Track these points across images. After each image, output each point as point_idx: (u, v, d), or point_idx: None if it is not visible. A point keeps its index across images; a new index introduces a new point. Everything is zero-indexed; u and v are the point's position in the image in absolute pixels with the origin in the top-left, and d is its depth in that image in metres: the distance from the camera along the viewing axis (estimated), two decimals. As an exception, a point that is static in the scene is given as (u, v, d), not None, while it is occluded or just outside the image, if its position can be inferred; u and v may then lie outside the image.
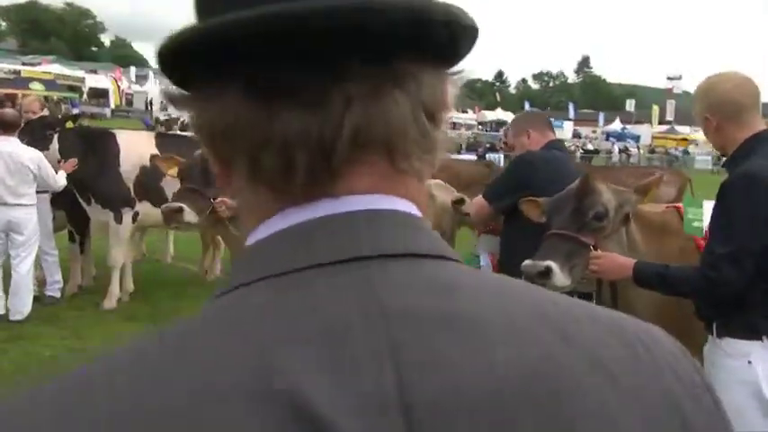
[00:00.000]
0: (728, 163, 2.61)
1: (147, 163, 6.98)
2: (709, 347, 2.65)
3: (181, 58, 0.54)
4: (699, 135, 60.89)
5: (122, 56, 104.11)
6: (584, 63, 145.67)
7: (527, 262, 2.72)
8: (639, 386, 0.52)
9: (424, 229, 0.58)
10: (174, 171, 4.29)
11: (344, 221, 0.54)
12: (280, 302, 0.51)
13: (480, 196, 3.46)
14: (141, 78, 67.50)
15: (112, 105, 53.41)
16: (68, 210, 7.26)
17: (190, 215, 3.91)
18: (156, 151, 7.09)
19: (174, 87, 0.59)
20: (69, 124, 6.91)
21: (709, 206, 3.30)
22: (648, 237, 3.05)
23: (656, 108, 65.80)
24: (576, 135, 58.22)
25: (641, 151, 46.32)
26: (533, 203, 3.09)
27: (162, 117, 36.39)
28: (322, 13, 0.49)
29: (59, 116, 9.67)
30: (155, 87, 62.02)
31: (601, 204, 2.83)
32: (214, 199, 3.98)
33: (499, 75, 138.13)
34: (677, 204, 3.32)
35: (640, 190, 2.96)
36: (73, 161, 6.43)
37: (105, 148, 6.97)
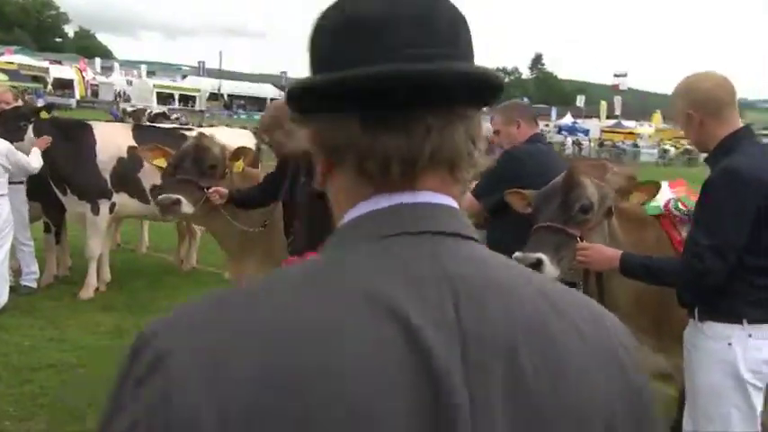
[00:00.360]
0: (710, 159, 2.65)
1: (125, 154, 6.89)
2: (689, 331, 2.71)
3: (311, 94, 0.79)
4: (643, 129, 62.40)
5: (86, 47, 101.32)
6: (537, 60, 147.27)
7: (518, 254, 2.72)
8: (599, 345, 0.77)
9: (464, 219, 0.82)
10: (160, 161, 4.15)
11: (422, 207, 0.78)
12: (379, 254, 0.74)
13: (469, 193, 3.45)
14: (106, 69, 66.07)
15: (77, 96, 52.10)
16: (44, 200, 7.06)
17: (187, 206, 3.80)
18: (133, 143, 6.97)
19: (293, 111, 0.83)
20: (44, 115, 6.67)
21: (663, 186, 3.42)
22: (627, 228, 3.10)
23: (604, 103, 66.85)
24: (531, 129, 58.96)
25: (592, 144, 47.13)
26: (518, 195, 3.10)
27: (129, 108, 35.54)
28: (415, 75, 0.73)
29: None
30: (121, 79, 60.87)
31: (586, 197, 2.86)
32: (207, 188, 3.88)
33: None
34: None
35: (622, 191, 2.98)
36: (46, 139, 6.21)
37: (82, 140, 6.77)
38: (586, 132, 55.28)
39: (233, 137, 7.23)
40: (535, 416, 0.70)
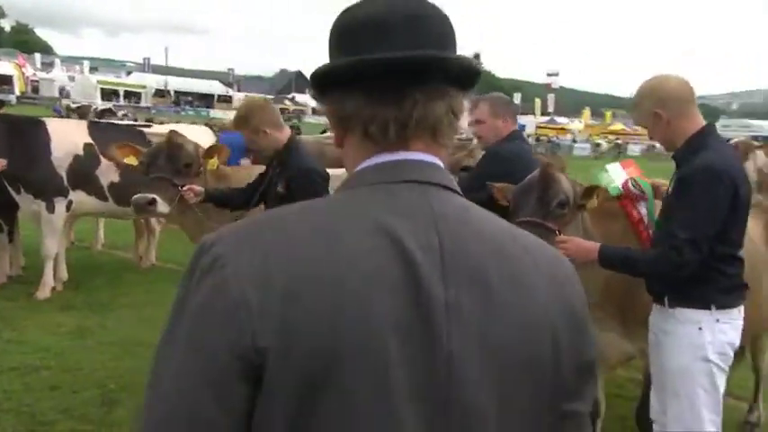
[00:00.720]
0: (679, 155, 2.68)
1: (81, 152, 6.59)
2: (658, 317, 2.76)
3: (329, 76, 0.99)
4: (574, 125, 64.07)
5: (25, 41, 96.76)
6: (476, 59, 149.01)
7: None
8: (549, 271, 0.97)
9: (449, 175, 1.02)
10: (130, 159, 3.93)
11: (412, 163, 0.98)
12: (381, 194, 0.94)
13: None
14: (47, 65, 63.34)
15: (17, 92, 49.78)
16: (-4, 199, 6.70)
17: (162, 206, 3.61)
18: (89, 140, 6.68)
19: (313, 93, 1.07)
20: (-7, 111, 6.31)
21: (612, 168, 3.49)
22: (596, 221, 3.13)
23: (538, 101, 68.33)
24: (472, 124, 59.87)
25: (529, 139, 48.04)
26: (503, 189, 3.10)
27: (73, 105, 34.18)
28: (406, 60, 0.93)
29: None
30: (62, 75, 58.51)
31: (563, 193, 2.87)
32: (182, 186, 3.70)
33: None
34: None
35: (586, 194, 2.99)
36: (2, 162, 5.90)
37: (35, 137, 6.42)
38: (523, 128, 56.16)
39: (192, 133, 7.02)
40: (498, 316, 0.90)
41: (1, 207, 6.77)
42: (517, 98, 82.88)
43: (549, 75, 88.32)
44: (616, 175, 3.37)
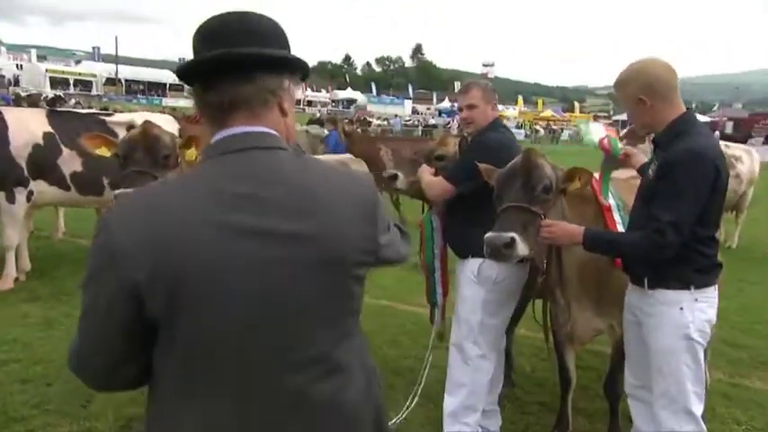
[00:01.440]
0: (662, 139, 2.60)
1: (41, 141, 6.15)
2: (637, 298, 2.70)
3: (181, 75, 1.35)
4: (509, 112, 65.04)
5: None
6: (418, 50, 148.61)
7: (491, 234, 2.60)
8: (342, 191, 1.37)
9: (270, 136, 1.34)
10: (102, 150, 3.59)
11: (239, 135, 1.32)
12: (220, 165, 1.29)
13: (441, 178, 3.27)
14: (-7, 54, 59.77)
15: (-37, 81, 46.86)
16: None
17: None
18: (48, 128, 6.25)
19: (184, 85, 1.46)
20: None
21: (595, 125, 3.51)
22: (571, 204, 3.05)
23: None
24: (415, 111, 59.90)
25: (469, 125, 48.36)
26: (487, 170, 3.00)
27: (23, 93, 32.36)
28: (217, 57, 1.27)
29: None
30: (10, 63, 55.36)
31: (547, 178, 2.77)
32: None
33: (347, 58, 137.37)
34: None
35: (568, 177, 2.89)
36: None
37: (-8, 126, 5.96)
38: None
39: (155, 121, 6.65)
40: (296, 229, 1.27)
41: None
42: (456, 87, 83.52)
43: (484, 65, 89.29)
44: (596, 132, 3.33)
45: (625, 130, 9.31)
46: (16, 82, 49.13)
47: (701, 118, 35.09)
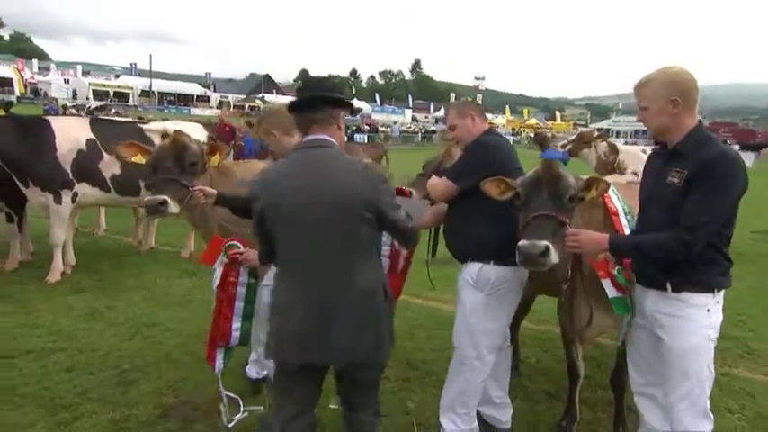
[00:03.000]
0: (688, 147, 2.34)
1: (84, 147, 5.97)
2: (655, 301, 2.46)
3: (293, 105, 2.41)
4: (498, 120, 64.60)
5: (22, 49, 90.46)
6: (417, 65, 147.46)
7: (525, 242, 2.37)
8: (350, 170, 2.25)
9: (327, 140, 2.30)
10: (138, 158, 3.40)
11: (312, 140, 2.30)
12: (299, 153, 2.31)
13: (444, 178, 3.04)
14: (44, 69, 59.72)
15: (17, 93, 46.76)
16: (5, 193, 6.04)
17: (173, 206, 3.09)
18: (91, 135, 6.08)
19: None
20: (1, 112, 5.61)
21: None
22: (581, 211, 2.84)
23: (453, 108, 68.37)
24: (414, 120, 59.80)
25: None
26: (495, 183, 2.74)
27: (69, 104, 32.15)
28: (301, 98, 2.38)
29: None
30: (58, 78, 55.24)
31: (572, 188, 2.56)
32: (191, 186, 3.22)
33: (353, 72, 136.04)
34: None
35: (586, 187, 2.65)
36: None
37: (41, 134, 5.77)
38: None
39: (187, 129, 6.46)
40: (323, 188, 2.16)
41: (11, 200, 6.15)
42: (452, 98, 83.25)
43: (476, 78, 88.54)
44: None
45: (574, 136, 8.82)
46: (75, 94, 48.97)
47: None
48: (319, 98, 2.31)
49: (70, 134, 5.95)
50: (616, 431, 3.28)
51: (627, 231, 2.91)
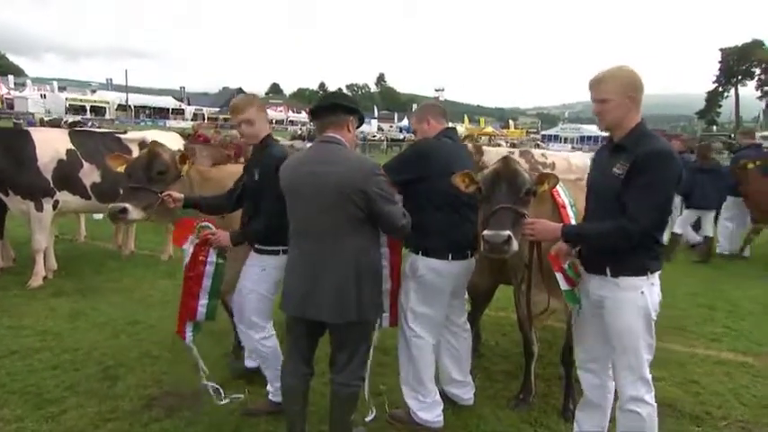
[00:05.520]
0: (629, 142, 2.42)
1: (64, 156, 5.84)
2: (598, 285, 2.54)
3: (312, 111, 2.79)
4: (458, 129, 65.28)
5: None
6: (381, 78, 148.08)
7: (489, 232, 2.45)
8: (348, 160, 2.57)
9: (337, 139, 2.64)
10: (122, 168, 3.44)
11: (326, 137, 2.66)
12: (315, 147, 2.74)
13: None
14: (19, 86, 57.53)
15: (-7, 108, 44.95)
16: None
17: (134, 213, 3.20)
18: (70, 146, 5.94)
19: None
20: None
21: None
22: (533, 204, 2.94)
23: (415, 113, 68.87)
24: (380, 129, 60.13)
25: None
26: (462, 176, 2.81)
27: (45, 118, 31.07)
28: (326, 104, 2.74)
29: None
30: (34, 93, 53.33)
31: (529, 182, 2.66)
32: (161, 192, 3.27)
33: (322, 85, 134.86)
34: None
35: (539, 181, 2.75)
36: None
37: (21, 145, 5.61)
38: (420, 132, 56.91)
39: (163, 137, 6.40)
40: (327, 172, 2.53)
41: (-8, 208, 5.95)
42: (414, 108, 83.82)
43: (436, 90, 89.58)
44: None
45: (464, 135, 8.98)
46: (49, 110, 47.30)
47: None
48: (336, 104, 2.68)
49: (50, 145, 5.80)
50: (566, 401, 3.40)
51: (573, 221, 3.03)
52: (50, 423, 3.12)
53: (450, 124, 3.47)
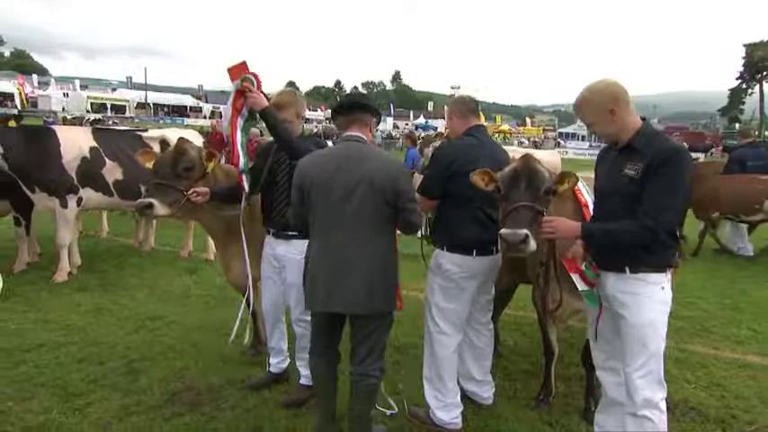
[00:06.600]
0: (640, 143, 2.42)
1: (88, 154, 5.93)
2: (615, 283, 2.51)
3: (335, 110, 2.90)
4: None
5: (23, 65, 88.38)
6: (397, 75, 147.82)
7: (507, 231, 2.42)
8: (380, 159, 2.68)
9: (361, 137, 2.76)
10: (151, 164, 3.47)
11: (349, 135, 2.76)
12: (340, 144, 2.77)
13: (419, 195, 3.03)
14: (43, 84, 58.59)
15: (19, 107, 45.85)
16: (13, 199, 5.98)
17: (160, 209, 3.22)
18: (94, 144, 6.03)
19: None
20: (12, 123, 5.59)
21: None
22: (555, 203, 2.90)
23: (446, 108, 68.66)
24: (396, 126, 60.13)
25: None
26: (481, 174, 2.78)
27: (68, 116, 31.59)
28: (345, 103, 2.87)
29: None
30: (57, 92, 54.28)
31: (548, 180, 2.63)
32: (186, 190, 3.30)
33: (338, 83, 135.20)
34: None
35: (559, 180, 2.70)
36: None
37: (46, 143, 5.72)
38: (435, 129, 56.77)
39: (182, 135, 6.46)
40: (354, 172, 2.59)
41: (18, 205, 6.08)
42: (430, 106, 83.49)
43: (452, 87, 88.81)
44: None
45: (422, 138, 9.10)
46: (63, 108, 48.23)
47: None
48: (360, 104, 2.80)
49: (74, 143, 5.90)
50: (587, 401, 3.36)
51: None
52: (77, 415, 3.18)
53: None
